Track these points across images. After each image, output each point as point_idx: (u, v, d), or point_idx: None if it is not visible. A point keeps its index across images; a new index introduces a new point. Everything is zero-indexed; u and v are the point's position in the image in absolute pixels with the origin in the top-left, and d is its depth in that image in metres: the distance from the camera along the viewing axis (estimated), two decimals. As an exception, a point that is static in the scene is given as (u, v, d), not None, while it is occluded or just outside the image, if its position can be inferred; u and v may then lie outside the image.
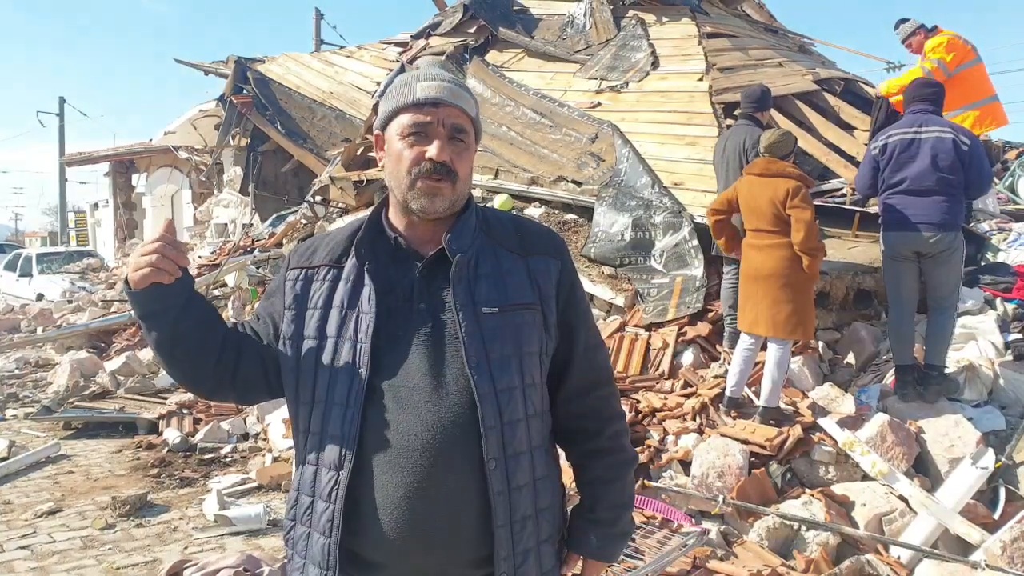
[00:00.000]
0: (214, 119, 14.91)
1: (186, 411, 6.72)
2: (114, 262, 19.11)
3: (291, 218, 10.93)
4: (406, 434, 1.35)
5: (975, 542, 3.62)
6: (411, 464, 1.34)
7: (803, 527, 3.78)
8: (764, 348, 4.63)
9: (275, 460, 5.62)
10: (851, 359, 5.24)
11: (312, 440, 1.43)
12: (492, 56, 10.53)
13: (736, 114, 6.10)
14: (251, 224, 12.72)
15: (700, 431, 4.52)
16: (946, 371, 4.52)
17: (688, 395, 4.91)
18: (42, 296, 15.63)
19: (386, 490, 1.35)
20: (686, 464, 4.31)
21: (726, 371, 4.87)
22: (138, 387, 7.60)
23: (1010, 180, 7.48)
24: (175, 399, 7.03)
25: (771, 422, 4.39)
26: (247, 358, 1.50)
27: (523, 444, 1.42)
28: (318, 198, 10.04)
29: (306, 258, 1.53)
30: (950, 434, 4.21)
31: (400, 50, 12.51)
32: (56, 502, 4.99)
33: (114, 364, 8.17)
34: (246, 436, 6.31)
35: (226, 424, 6.33)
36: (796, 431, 4.27)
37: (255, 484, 5.25)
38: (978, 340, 4.90)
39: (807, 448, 4.25)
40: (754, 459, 4.22)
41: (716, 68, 8.46)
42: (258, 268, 9.70)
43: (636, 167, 6.83)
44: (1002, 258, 5.84)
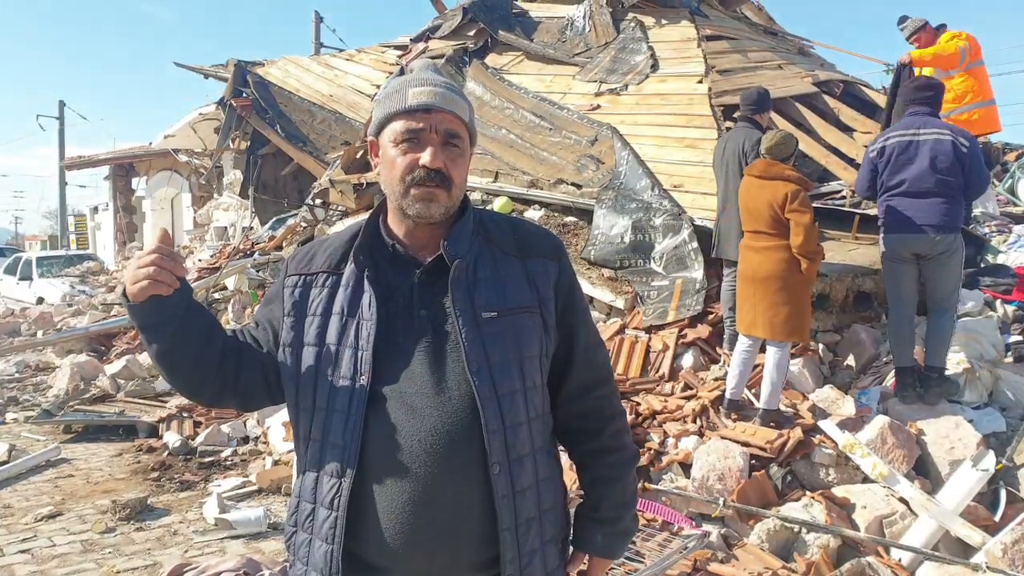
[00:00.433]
0: (214, 122, 14.93)
1: (186, 414, 6.72)
2: (114, 265, 19.12)
3: (291, 221, 10.94)
4: (409, 440, 1.35)
5: (976, 544, 3.62)
6: (415, 470, 1.34)
7: (804, 529, 3.77)
8: (763, 350, 4.63)
9: (275, 463, 5.62)
10: (851, 361, 5.24)
11: (313, 447, 1.43)
12: (491, 59, 10.54)
13: (735, 116, 6.10)
14: (251, 227, 12.72)
15: (700, 433, 4.51)
16: (946, 373, 4.51)
17: (688, 397, 4.91)
18: (42, 300, 15.65)
19: (390, 496, 1.35)
20: (686, 467, 4.31)
21: (726, 373, 4.87)
22: (138, 390, 7.61)
23: (1010, 182, 7.48)
24: (175, 402, 7.02)
25: (771, 424, 4.39)
26: (247, 366, 1.50)
27: (526, 447, 1.42)
28: (318, 201, 10.04)
29: (304, 264, 1.52)
30: (950, 436, 4.21)
31: (400, 53, 12.53)
32: (56, 506, 4.99)
33: (114, 367, 8.18)
34: (246, 439, 6.31)
35: (226, 427, 6.32)
36: (796, 433, 4.27)
37: (255, 487, 5.25)
38: (978, 342, 4.90)
39: (807, 450, 4.25)
40: (754, 461, 4.21)
41: (715, 70, 8.47)
42: (258, 271, 9.70)
43: (636, 169, 6.83)
44: (1002, 260, 5.84)
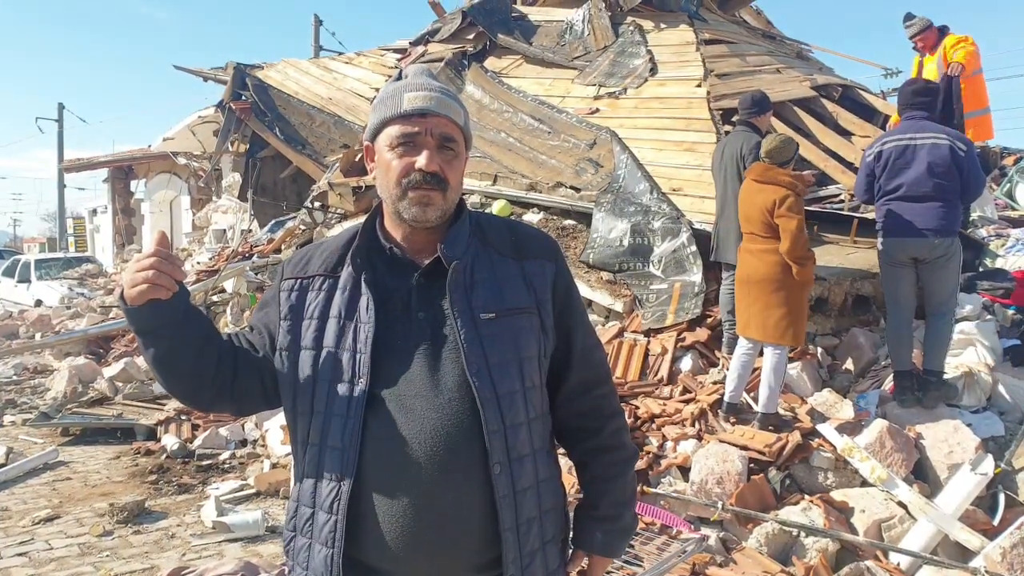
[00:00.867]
0: (213, 125, 14.93)
1: (184, 417, 6.71)
2: (113, 268, 19.11)
3: (290, 224, 10.93)
4: (409, 442, 1.35)
5: (974, 548, 3.62)
6: (415, 472, 1.35)
7: (802, 533, 3.77)
8: (762, 354, 4.64)
9: (273, 466, 5.61)
10: (850, 365, 5.24)
11: (312, 451, 1.42)
12: (491, 62, 10.56)
13: (734, 120, 6.11)
14: (250, 230, 12.71)
15: (699, 437, 4.51)
16: (945, 377, 4.52)
17: (687, 401, 4.90)
18: (40, 302, 15.63)
19: (390, 499, 1.35)
20: (685, 470, 4.30)
21: (725, 377, 4.87)
22: (136, 393, 7.59)
23: (1008, 186, 7.50)
24: (173, 405, 7.01)
25: (770, 428, 4.39)
26: (244, 370, 1.49)
27: (526, 447, 1.43)
28: (317, 204, 10.04)
29: (300, 268, 1.52)
30: (949, 440, 4.21)
31: (399, 56, 12.54)
32: (54, 509, 4.98)
33: (112, 370, 8.16)
34: (244, 442, 6.30)
35: (224, 430, 6.32)
36: (795, 437, 4.27)
37: (253, 490, 5.24)
38: (976, 346, 4.90)
39: (806, 454, 4.25)
40: (753, 465, 4.21)
41: (714, 74, 8.48)
42: (256, 274, 9.69)
43: (634, 173, 6.84)
44: (1000, 264, 5.85)
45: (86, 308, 12.57)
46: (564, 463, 1.65)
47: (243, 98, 12.59)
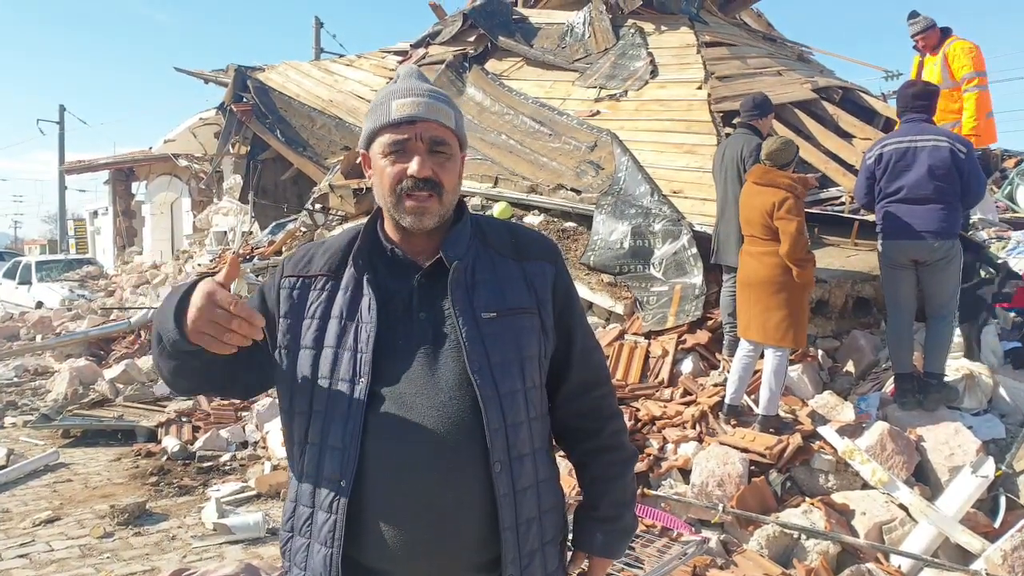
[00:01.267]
0: (214, 127, 14.95)
1: (185, 419, 6.71)
2: (113, 270, 19.11)
3: (290, 226, 10.95)
4: (409, 442, 1.35)
5: (975, 551, 3.62)
6: (415, 471, 1.35)
7: (803, 536, 3.77)
8: (763, 356, 4.64)
9: (274, 468, 5.61)
10: (850, 367, 5.23)
11: (312, 451, 1.42)
12: (491, 65, 10.57)
13: (735, 122, 6.11)
14: (250, 232, 12.73)
15: (700, 439, 4.51)
16: (945, 379, 4.52)
17: (688, 403, 4.91)
18: (41, 304, 15.62)
19: (390, 499, 1.35)
20: (686, 472, 4.30)
21: (725, 379, 4.87)
22: (137, 395, 7.59)
23: (1009, 188, 7.50)
24: (174, 407, 7.02)
25: (770, 430, 4.39)
26: (245, 368, 1.49)
27: (526, 446, 1.43)
28: (317, 206, 10.06)
29: (303, 266, 1.52)
30: (950, 442, 4.21)
31: (399, 59, 12.55)
32: (54, 510, 4.98)
33: (113, 372, 8.16)
34: (245, 444, 6.30)
35: (225, 432, 6.32)
36: (796, 439, 4.27)
37: (254, 492, 5.24)
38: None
39: (807, 456, 4.24)
40: (754, 467, 4.21)
41: (715, 77, 8.49)
42: (257, 276, 9.70)
43: (635, 175, 6.84)
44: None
45: (87, 310, 12.59)
46: (562, 466, 1.65)
47: (244, 100, 12.62)
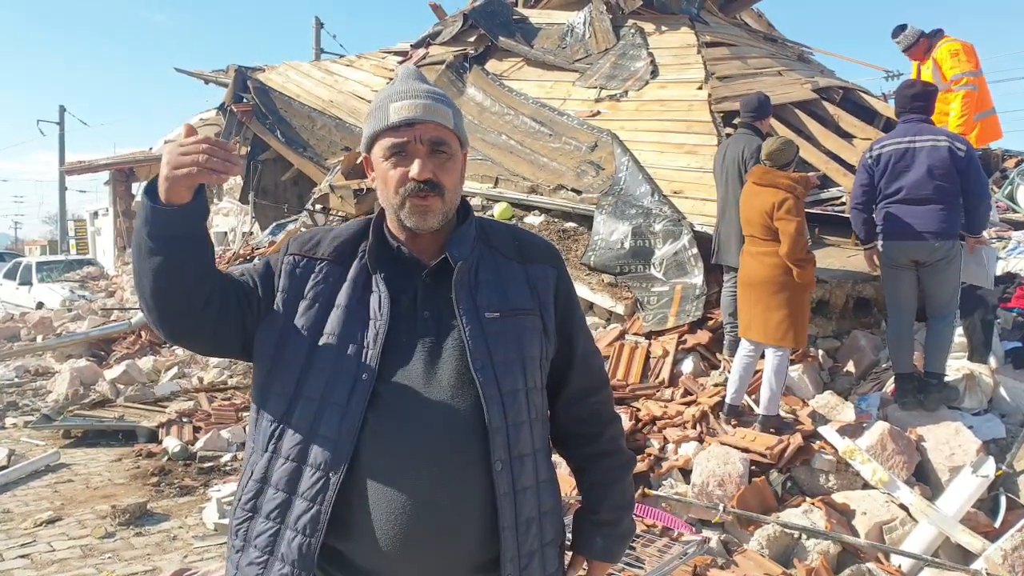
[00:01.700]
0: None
1: (186, 420, 6.71)
2: (114, 270, 19.12)
3: (291, 226, 10.94)
4: (409, 439, 1.35)
5: (976, 551, 3.62)
6: (414, 469, 1.34)
7: (804, 536, 3.77)
8: (764, 356, 4.64)
9: (275, 469, 5.61)
10: (851, 367, 5.24)
11: (294, 437, 1.39)
12: (492, 65, 10.57)
13: (735, 123, 6.12)
14: (251, 232, 12.74)
15: (700, 439, 4.51)
16: (946, 379, 4.52)
17: (688, 403, 4.91)
18: (42, 304, 15.62)
19: (387, 496, 1.34)
20: (686, 472, 4.31)
21: (726, 379, 4.88)
22: (138, 395, 7.60)
23: (1009, 188, 7.50)
24: (175, 408, 7.02)
25: (771, 430, 4.39)
26: (230, 314, 1.44)
27: (527, 446, 1.44)
28: (318, 206, 10.05)
29: (310, 248, 1.50)
30: (950, 442, 4.21)
31: (400, 59, 12.55)
32: (55, 511, 4.98)
33: (114, 372, 8.16)
34: (245, 444, 6.30)
35: (226, 433, 6.32)
36: (796, 439, 4.27)
37: (255, 493, 5.23)
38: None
39: (807, 456, 4.25)
40: (754, 467, 4.21)
41: (715, 77, 8.49)
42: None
43: (636, 175, 6.85)
44: (1000, 265, 5.84)
45: (87, 311, 12.59)
46: (563, 469, 1.65)
47: (244, 101, 12.61)
